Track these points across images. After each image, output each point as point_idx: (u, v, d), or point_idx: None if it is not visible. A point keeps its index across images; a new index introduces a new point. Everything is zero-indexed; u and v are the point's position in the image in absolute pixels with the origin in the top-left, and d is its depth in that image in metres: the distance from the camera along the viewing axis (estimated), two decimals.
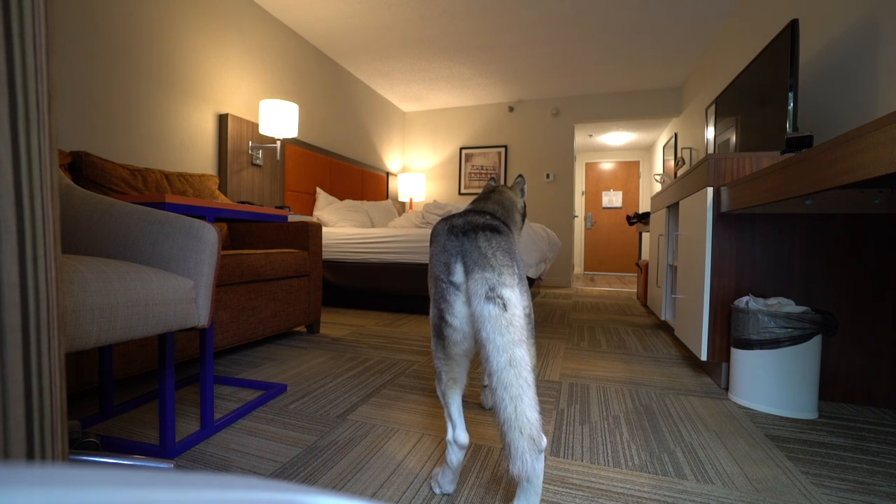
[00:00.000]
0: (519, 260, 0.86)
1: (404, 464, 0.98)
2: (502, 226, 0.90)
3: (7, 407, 0.40)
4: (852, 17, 1.67)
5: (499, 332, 0.72)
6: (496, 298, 0.74)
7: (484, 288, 0.76)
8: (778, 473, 0.97)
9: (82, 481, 0.13)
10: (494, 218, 0.93)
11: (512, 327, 0.72)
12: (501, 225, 0.90)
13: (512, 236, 0.92)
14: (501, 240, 0.84)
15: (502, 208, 1.14)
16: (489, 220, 0.90)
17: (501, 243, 0.83)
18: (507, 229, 0.92)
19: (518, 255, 0.87)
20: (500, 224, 0.91)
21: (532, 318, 0.86)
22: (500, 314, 0.73)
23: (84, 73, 1.96)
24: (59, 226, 0.45)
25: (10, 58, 0.39)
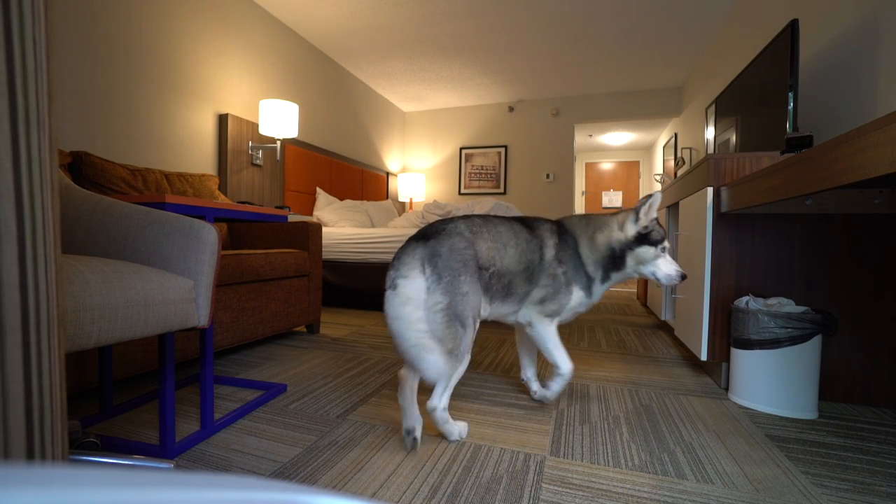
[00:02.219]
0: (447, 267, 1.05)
1: (404, 464, 0.98)
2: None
3: (7, 407, 0.39)
4: (852, 17, 1.67)
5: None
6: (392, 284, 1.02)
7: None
8: (778, 473, 0.97)
9: (82, 481, 0.13)
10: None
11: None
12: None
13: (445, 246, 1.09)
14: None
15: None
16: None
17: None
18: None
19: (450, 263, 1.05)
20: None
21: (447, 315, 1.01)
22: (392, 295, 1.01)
23: (84, 73, 1.96)
24: (59, 226, 0.45)
25: (10, 58, 0.39)
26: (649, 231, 1.24)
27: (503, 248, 1.16)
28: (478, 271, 1.09)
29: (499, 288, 1.16)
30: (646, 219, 1.24)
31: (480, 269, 1.10)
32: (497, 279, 1.14)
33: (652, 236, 1.24)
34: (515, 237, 1.18)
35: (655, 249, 1.24)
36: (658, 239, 1.24)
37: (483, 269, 1.12)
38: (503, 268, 1.15)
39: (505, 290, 1.17)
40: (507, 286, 1.17)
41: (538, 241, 1.21)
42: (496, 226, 1.18)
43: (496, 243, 1.15)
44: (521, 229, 1.21)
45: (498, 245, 1.15)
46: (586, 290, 1.25)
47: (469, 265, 1.06)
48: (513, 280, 1.17)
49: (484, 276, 1.12)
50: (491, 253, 1.14)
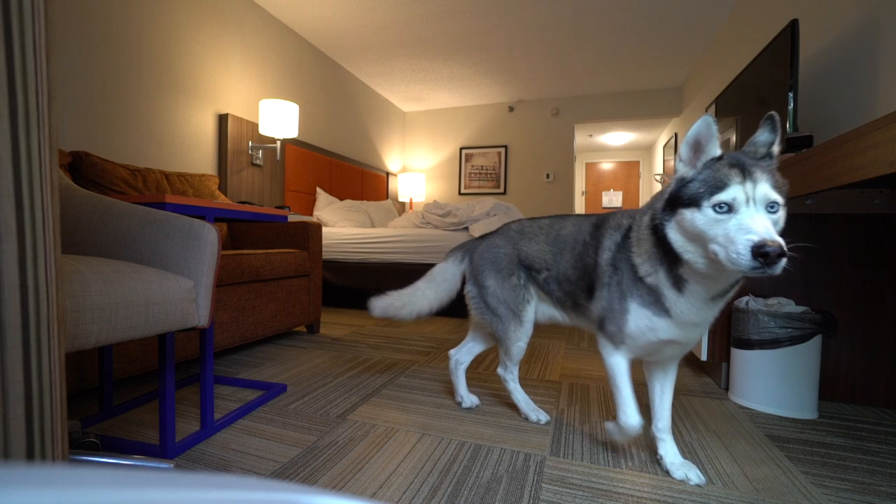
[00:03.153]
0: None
1: (404, 464, 0.98)
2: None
3: (7, 407, 0.39)
4: (852, 17, 1.67)
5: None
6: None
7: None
8: (778, 473, 0.97)
9: (82, 481, 0.13)
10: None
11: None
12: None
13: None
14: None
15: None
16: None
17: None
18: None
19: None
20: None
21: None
22: None
23: (84, 73, 1.96)
24: (59, 226, 0.45)
25: (10, 58, 0.39)
26: (689, 180, 0.76)
27: (560, 252, 1.08)
28: (520, 271, 1.15)
29: (561, 294, 1.09)
30: (690, 153, 0.78)
31: (530, 270, 1.14)
32: (557, 284, 1.09)
33: (690, 189, 0.74)
34: (575, 239, 1.05)
35: (705, 209, 0.72)
36: (703, 191, 0.72)
37: (534, 271, 1.13)
38: (561, 273, 1.07)
39: (571, 299, 1.07)
40: (570, 294, 1.06)
41: (596, 242, 0.99)
42: (560, 228, 1.11)
43: (552, 246, 1.09)
44: (587, 229, 1.04)
45: (554, 248, 1.09)
46: (653, 307, 0.86)
47: (499, 263, 1.17)
48: (573, 289, 1.05)
49: (537, 278, 1.13)
50: (544, 255, 1.10)
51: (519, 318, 1.15)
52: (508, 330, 1.16)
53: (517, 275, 1.15)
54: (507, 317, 1.15)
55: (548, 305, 1.17)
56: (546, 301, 1.16)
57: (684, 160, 0.79)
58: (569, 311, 1.11)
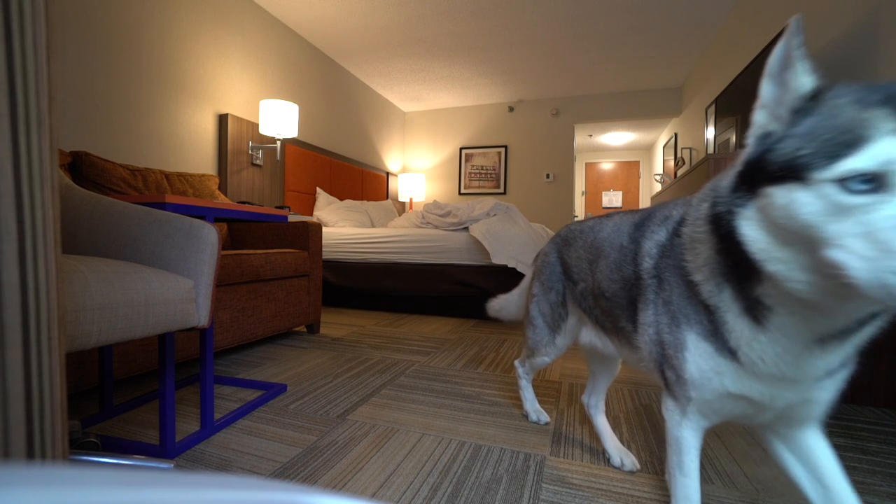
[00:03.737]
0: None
1: (404, 464, 0.98)
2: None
3: (7, 407, 0.39)
4: (852, 17, 1.67)
5: None
6: None
7: None
8: (778, 473, 0.97)
9: (82, 481, 0.13)
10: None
11: None
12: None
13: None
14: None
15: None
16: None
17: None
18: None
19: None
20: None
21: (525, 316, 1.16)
22: None
23: (84, 73, 1.96)
24: (59, 226, 0.45)
25: (10, 58, 0.39)
26: (782, 136, 0.44)
27: (595, 260, 0.84)
28: (560, 284, 1.02)
29: (599, 314, 0.86)
30: (778, 88, 0.47)
31: (573, 283, 0.96)
32: (593, 300, 0.86)
33: (784, 151, 0.43)
34: (611, 243, 0.80)
35: (819, 186, 0.40)
36: (815, 153, 0.40)
37: (572, 283, 0.96)
38: (596, 285, 0.83)
39: (610, 320, 0.82)
40: (609, 314, 0.81)
41: (635, 245, 0.72)
42: (599, 230, 0.87)
43: (588, 252, 0.87)
44: (627, 229, 0.77)
45: (590, 255, 0.86)
46: (714, 340, 0.56)
47: (545, 271, 1.06)
48: (611, 307, 0.79)
49: (574, 291, 0.95)
50: (580, 264, 0.90)
51: (553, 335, 1.05)
52: (539, 343, 1.09)
53: (556, 289, 1.02)
54: (542, 329, 1.07)
55: (588, 327, 0.96)
56: (586, 321, 0.96)
57: (769, 102, 0.47)
58: (611, 336, 0.85)
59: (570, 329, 1.02)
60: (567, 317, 1.01)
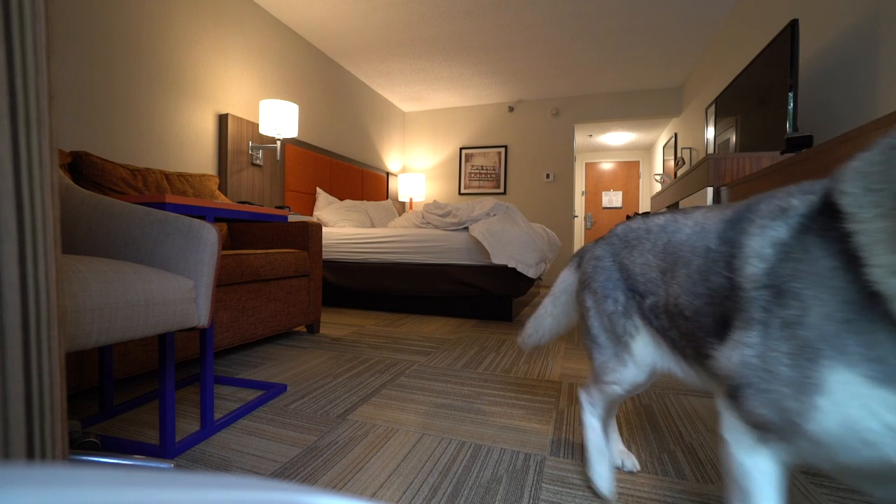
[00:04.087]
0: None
1: (404, 464, 0.98)
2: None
3: (7, 407, 0.39)
4: (852, 17, 1.67)
5: None
6: None
7: None
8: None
9: (82, 481, 0.13)
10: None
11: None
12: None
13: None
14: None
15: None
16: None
17: None
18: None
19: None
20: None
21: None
22: None
23: (84, 73, 1.96)
24: (59, 226, 0.45)
25: (10, 58, 0.39)
26: None
27: (670, 268, 0.69)
28: (619, 293, 0.81)
29: (676, 335, 0.70)
30: None
31: (635, 295, 0.78)
32: (668, 319, 0.70)
33: None
34: (694, 247, 0.65)
35: None
36: None
37: (639, 295, 0.77)
38: (671, 301, 0.68)
39: (691, 345, 0.67)
40: (689, 337, 0.66)
41: (730, 248, 0.59)
42: (675, 231, 0.70)
43: (660, 258, 0.71)
44: (716, 227, 0.63)
45: (663, 262, 0.71)
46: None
47: (597, 277, 0.86)
48: (692, 328, 0.65)
49: (642, 305, 0.76)
50: (647, 273, 0.74)
51: (620, 354, 0.81)
52: (606, 364, 0.84)
53: (614, 298, 0.82)
54: (607, 348, 0.84)
55: (662, 349, 0.77)
56: (660, 342, 0.76)
57: None
58: (691, 363, 0.70)
59: (645, 349, 0.79)
60: (636, 332, 0.79)
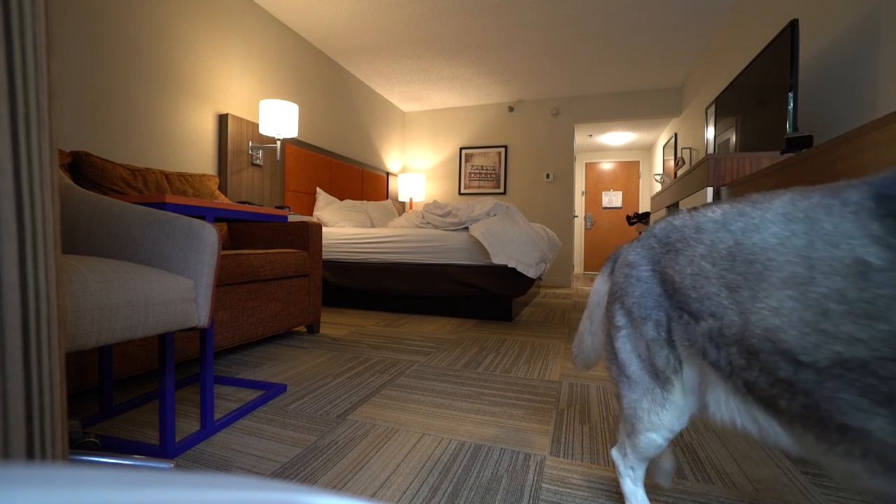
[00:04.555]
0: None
1: (404, 464, 0.98)
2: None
3: (7, 407, 0.39)
4: (852, 17, 1.67)
5: None
6: None
7: None
8: (778, 473, 0.97)
9: (82, 481, 0.13)
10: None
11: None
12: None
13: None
14: None
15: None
16: None
17: None
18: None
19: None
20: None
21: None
22: None
23: (84, 73, 1.96)
24: (59, 226, 0.45)
25: (10, 58, 0.39)
26: None
27: (744, 284, 0.50)
28: (661, 312, 0.63)
29: (764, 382, 0.49)
30: None
31: (683, 315, 0.59)
32: (744, 355, 0.50)
33: None
34: (807, 255, 0.45)
35: None
36: None
37: (689, 316, 0.58)
38: (754, 332, 0.48)
39: (802, 399, 0.46)
40: (796, 388, 0.46)
41: None
42: (747, 228, 0.51)
43: (722, 267, 0.52)
44: (860, 213, 0.42)
45: (727, 272, 0.52)
46: None
47: (631, 291, 0.67)
48: (816, 380, 0.44)
49: (691, 329, 0.58)
50: (704, 288, 0.54)
51: (661, 390, 0.65)
52: (638, 406, 0.68)
53: (655, 319, 0.63)
54: (642, 382, 0.67)
55: (719, 392, 0.58)
56: (720, 382, 0.57)
57: None
58: (794, 425, 0.48)
59: (691, 386, 0.64)
60: (680, 365, 0.63)
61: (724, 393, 0.57)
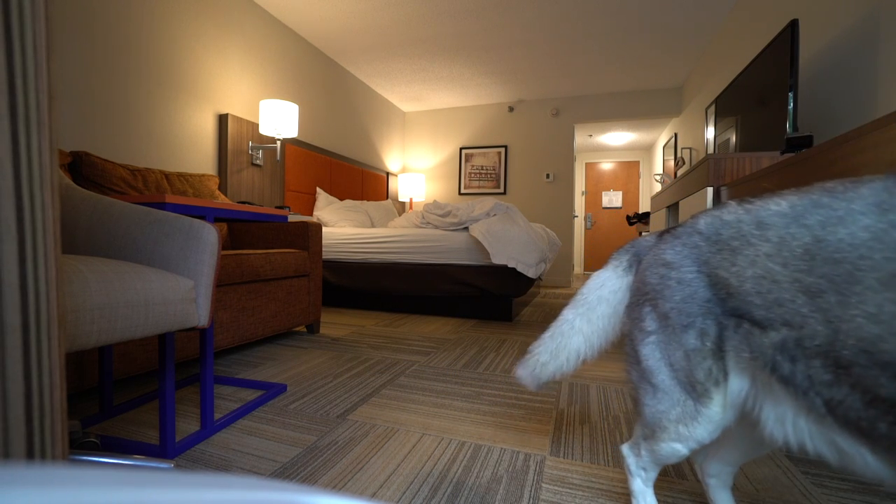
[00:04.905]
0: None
1: (404, 464, 0.98)
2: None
3: (7, 407, 0.39)
4: (852, 17, 1.67)
5: None
6: None
7: None
8: (778, 473, 0.97)
9: (82, 481, 0.13)
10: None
11: None
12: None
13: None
14: None
15: None
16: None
17: None
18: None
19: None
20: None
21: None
22: None
23: (84, 73, 1.96)
24: (59, 226, 0.45)
25: (10, 58, 0.39)
26: None
27: (831, 287, 0.44)
28: (709, 320, 0.57)
29: (858, 402, 0.43)
30: None
31: (742, 323, 0.53)
32: (831, 370, 0.45)
33: None
34: None
35: None
36: None
37: (751, 324, 0.52)
38: (849, 343, 0.42)
39: (878, 415, 0.42)
40: (892, 410, 0.40)
41: None
42: (829, 222, 0.45)
43: (797, 269, 0.47)
44: None
45: (804, 274, 0.46)
46: None
47: (670, 294, 0.60)
48: None
49: (758, 341, 0.51)
50: (774, 292, 0.49)
51: (693, 401, 0.60)
52: (664, 416, 0.63)
53: (700, 328, 0.58)
54: (671, 392, 0.62)
55: (797, 414, 0.51)
56: (778, 397, 0.52)
57: None
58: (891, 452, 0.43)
59: (736, 400, 0.58)
60: (725, 377, 0.58)
61: (792, 411, 0.50)
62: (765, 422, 0.54)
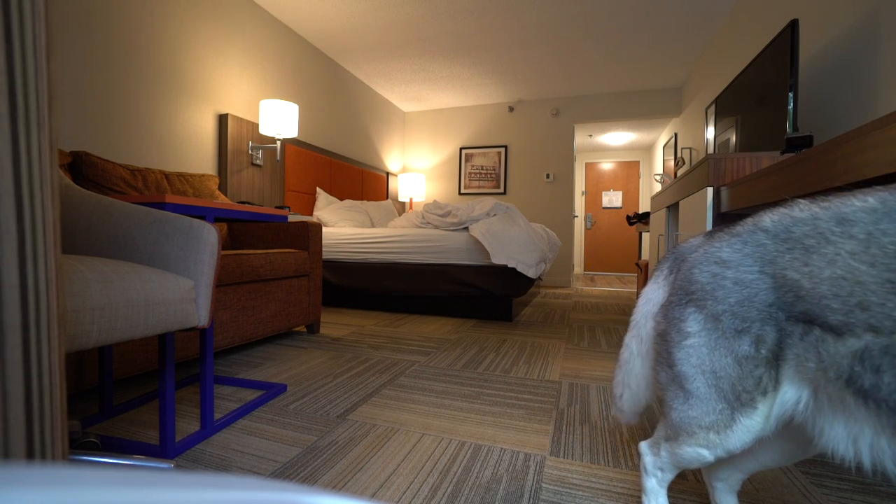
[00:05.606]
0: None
1: (404, 464, 0.98)
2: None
3: (7, 407, 0.39)
4: (852, 17, 1.67)
5: None
6: None
7: None
8: (778, 473, 0.97)
9: (82, 481, 0.13)
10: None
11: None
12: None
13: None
14: None
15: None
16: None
17: None
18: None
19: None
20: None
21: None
22: None
23: (84, 73, 1.96)
24: (59, 226, 0.45)
25: (10, 58, 0.39)
26: None
27: None
28: (769, 326, 0.52)
29: None
30: None
31: (812, 329, 0.49)
32: None
33: None
34: None
35: None
36: None
37: (823, 329, 0.48)
38: None
39: None
40: None
41: None
42: None
43: (889, 269, 0.43)
44: None
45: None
46: None
47: (723, 297, 0.55)
48: None
49: (827, 348, 0.47)
50: (857, 295, 0.44)
51: (731, 410, 0.56)
52: (695, 422, 0.59)
53: (756, 335, 0.53)
54: (707, 400, 0.58)
55: (878, 433, 0.45)
56: (863, 417, 0.46)
57: None
58: None
59: (781, 410, 0.54)
60: (775, 387, 0.54)
61: (872, 430, 0.45)
62: (828, 438, 0.49)
